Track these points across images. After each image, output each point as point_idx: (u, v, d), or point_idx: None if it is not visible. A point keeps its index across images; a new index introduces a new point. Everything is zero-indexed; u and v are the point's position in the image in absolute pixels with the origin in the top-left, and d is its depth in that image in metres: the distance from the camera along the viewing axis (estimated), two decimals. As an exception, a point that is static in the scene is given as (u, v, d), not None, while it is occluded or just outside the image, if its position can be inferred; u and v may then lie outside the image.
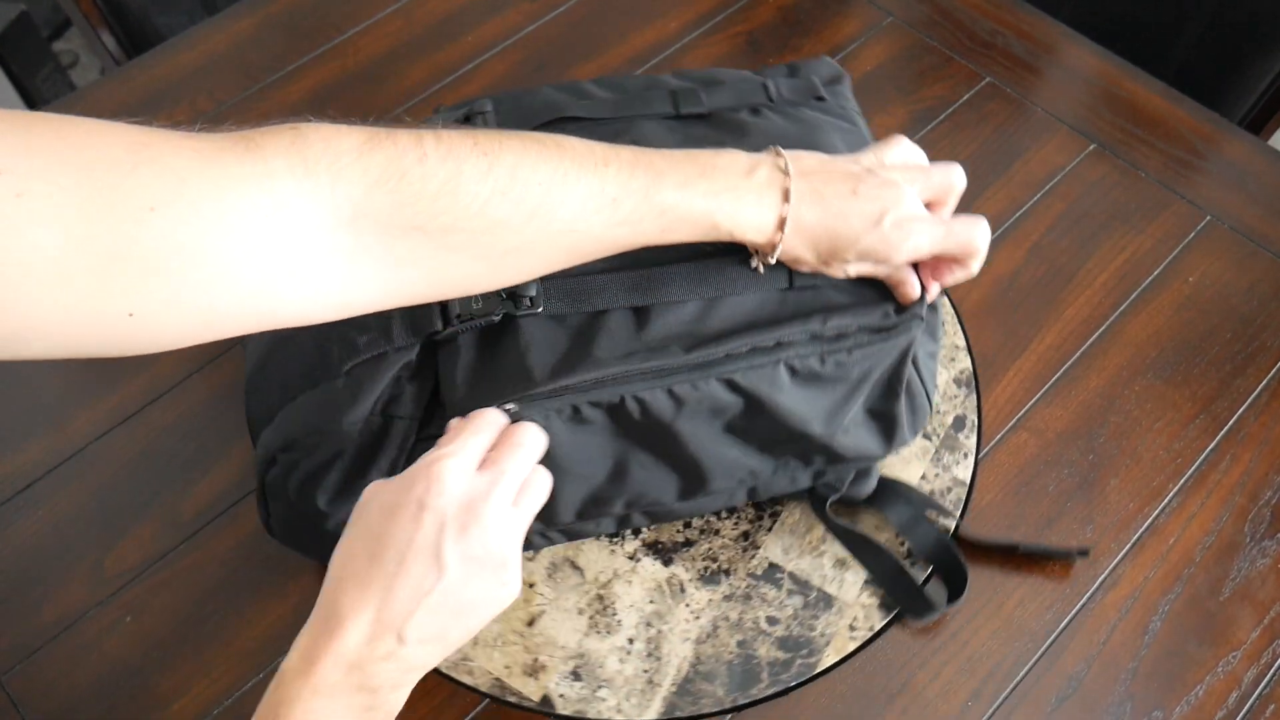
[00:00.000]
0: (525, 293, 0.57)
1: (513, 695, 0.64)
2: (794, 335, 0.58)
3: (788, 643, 0.66)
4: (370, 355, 0.57)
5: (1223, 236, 0.85)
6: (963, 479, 0.72)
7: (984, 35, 0.98)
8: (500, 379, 0.56)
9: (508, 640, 0.65)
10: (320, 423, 0.57)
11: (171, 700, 0.65)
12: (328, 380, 0.58)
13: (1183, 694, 0.66)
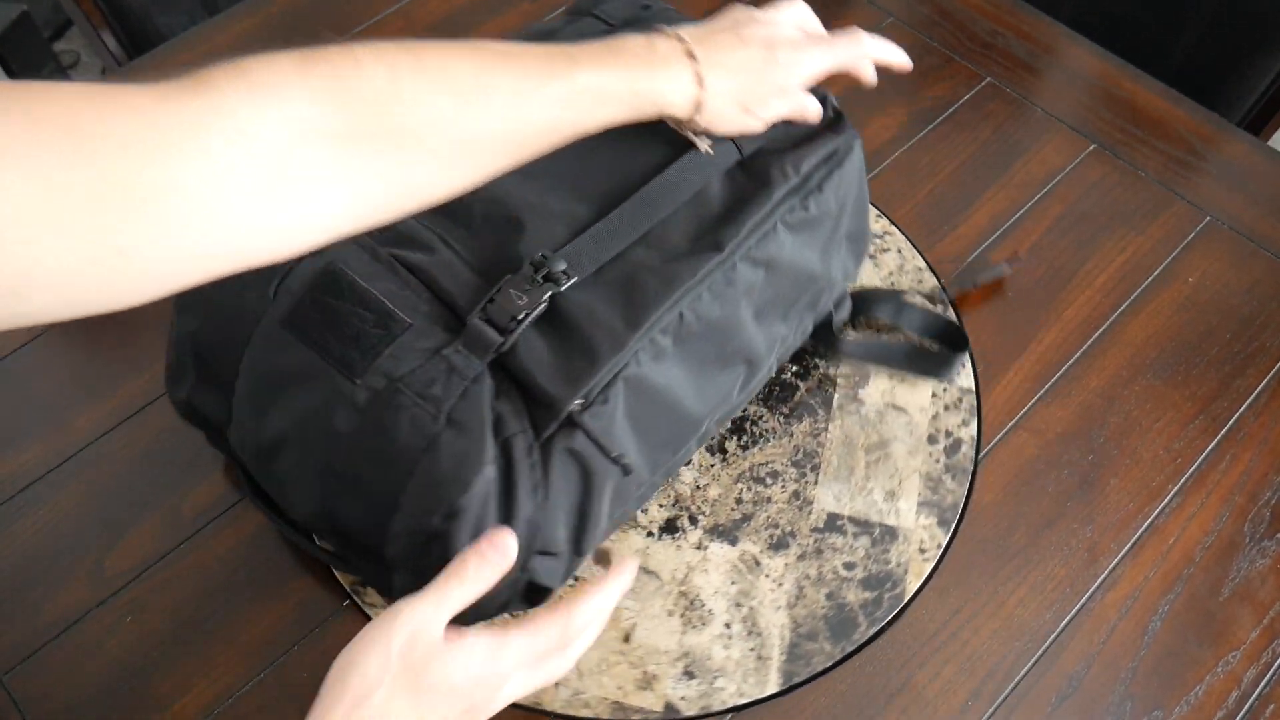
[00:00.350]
0: (556, 267, 0.58)
1: (636, 714, 0.64)
2: (777, 194, 0.63)
3: (870, 582, 0.69)
4: (456, 396, 0.55)
5: (1222, 237, 0.85)
6: (968, 386, 0.77)
7: (984, 36, 0.98)
8: (588, 351, 0.57)
9: (610, 662, 0.65)
10: (455, 481, 0.54)
11: (171, 700, 0.65)
12: (428, 451, 0.54)
13: (1182, 694, 0.66)
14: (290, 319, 0.58)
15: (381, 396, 0.55)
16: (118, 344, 0.80)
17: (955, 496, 0.72)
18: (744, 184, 0.64)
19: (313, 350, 0.57)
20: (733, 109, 0.61)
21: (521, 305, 0.56)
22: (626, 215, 0.61)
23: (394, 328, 0.57)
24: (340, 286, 0.58)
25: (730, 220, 0.62)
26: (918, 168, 0.89)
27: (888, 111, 0.92)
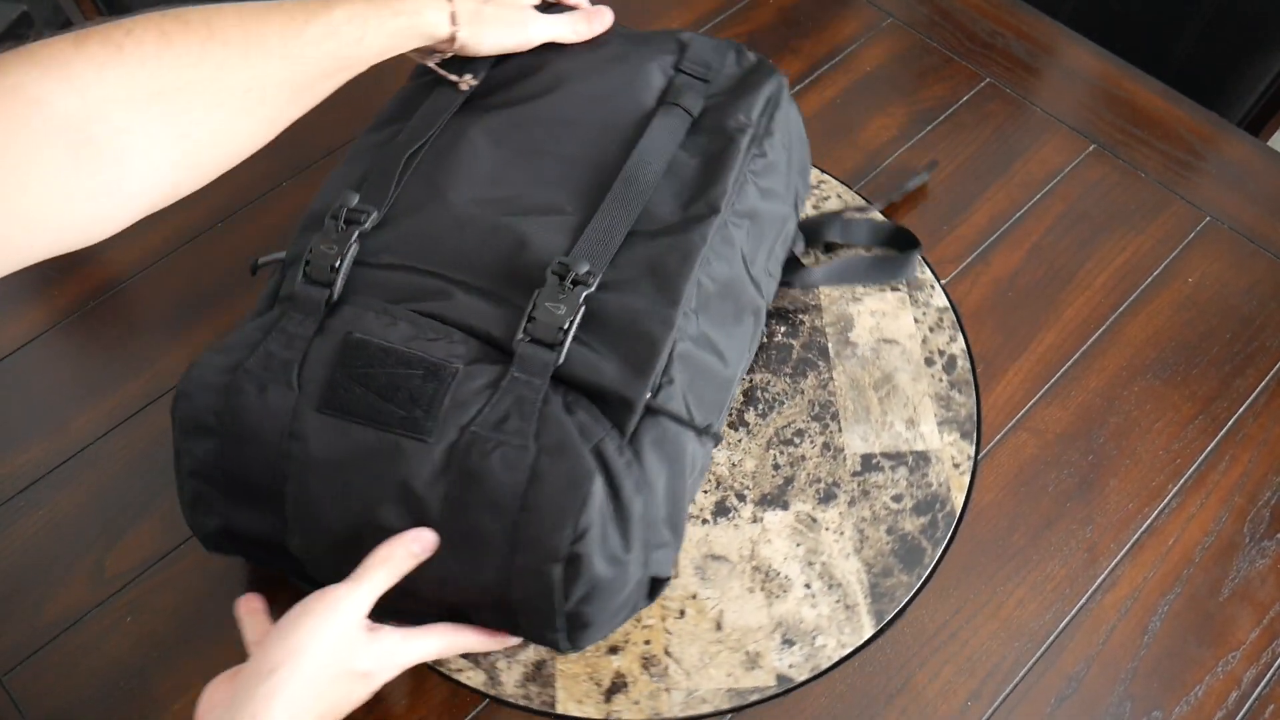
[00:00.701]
0: (580, 270, 0.58)
1: (753, 695, 0.65)
2: (742, 144, 0.66)
3: (921, 507, 0.72)
4: (535, 421, 0.55)
5: (1222, 237, 0.85)
6: (942, 305, 0.81)
7: (984, 36, 0.98)
8: (644, 338, 0.58)
9: (711, 653, 0.66)
10: (571, 502, 0.54)
11: (171, 700, 0.65)
12: (533, 483, 0.54)
13: (1182, 694, 0.66)
14: (329, 402, 0.56)
15: (460, 448, 0.54)
16: (118, 344, 0.80)
17: (968, 408, 0.76)
18: (707, 143, 0.66)
19: (369, 425, 0.55)
20: (491, 17, 0.67)
21: (562, 315, 0.57)
22: (618, 203, 0.62)
23: (444, 376, 0.56)
24: (370, 353, 0.57)
25: (713, 181, 0.64)
26: (917, 168, 0.89)
27: (888, 111, 0.92)
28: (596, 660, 0.65)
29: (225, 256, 0.83)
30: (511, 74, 0.70)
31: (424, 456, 0.55)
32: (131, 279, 0.83)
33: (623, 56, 0.71)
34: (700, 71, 0.70)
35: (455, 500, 0.55)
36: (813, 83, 0.94)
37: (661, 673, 0.65)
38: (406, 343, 0.57)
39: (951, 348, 0.79)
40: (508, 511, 0.54)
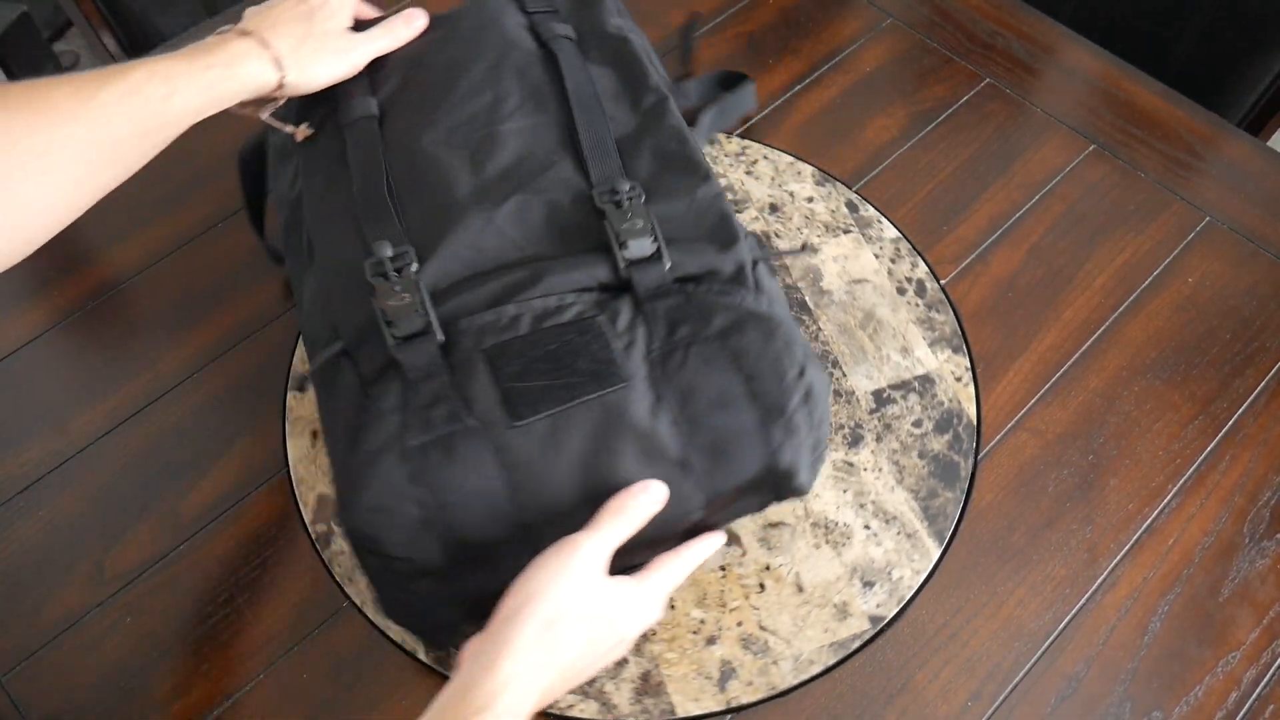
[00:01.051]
0: (622, 189, 0.62)
1: (855, 641, 0.67)
2: (615, 32, 0.73)
3: (941, 425, 0.76)
4: (715, 296, 0.60)
5: (1222, 237, 0.85)
6: (894, 235, 0.85)
7: (984, 36, 0.98)
8: (711, 218, 0.63)
9: (801, 615, 0.68)
10: (789, 326, 0.62)
11: (171, 701, 0.65)
12: (765, 328, 0.60)
13: (1182, 694, 0.66)
14: (517, 411, 0.56)
15: (658, 375, 0.58)
16: (118, 344, 0.80)
17: (950, 324, 0.80)
18: (604, 52, 0.72)
19: (567, 405, 0.56)
20: (315, 51, 0.66)
21: (642, 228, 0.60)
22: (590, 125, 0.66)
23: (594, 327, 0.58)
24: (518, 350, 0.57)
25: (640, 75, 0.70)
26: (917, 168, 0.89)
27: (887, 112, 0.93)
28: (699, 656, 0.66)
29: (225, 257, 0.83)
30: (397, 87, 0.69)
31: (634, 399, 0.57)
32: (131, 279, 0.83)
33: (478, 26, 0.72)
34: (544, 5, 0.74)
35: (687, 419, 0.57)
36: (813, 83, 0.94)
37: (763, 648, 0.67)
38: (531, 324, 0.58)
39: (916, 273, 0.83)
40: (738, 398, 0.58)
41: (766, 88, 0.94)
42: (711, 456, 0.58)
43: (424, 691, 0.65)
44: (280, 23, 0.66)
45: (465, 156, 0.65)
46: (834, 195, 0.87)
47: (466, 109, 0.67)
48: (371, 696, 0.65)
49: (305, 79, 0.66)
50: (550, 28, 0.72)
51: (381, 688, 0.65)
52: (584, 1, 0.75)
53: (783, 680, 0.66)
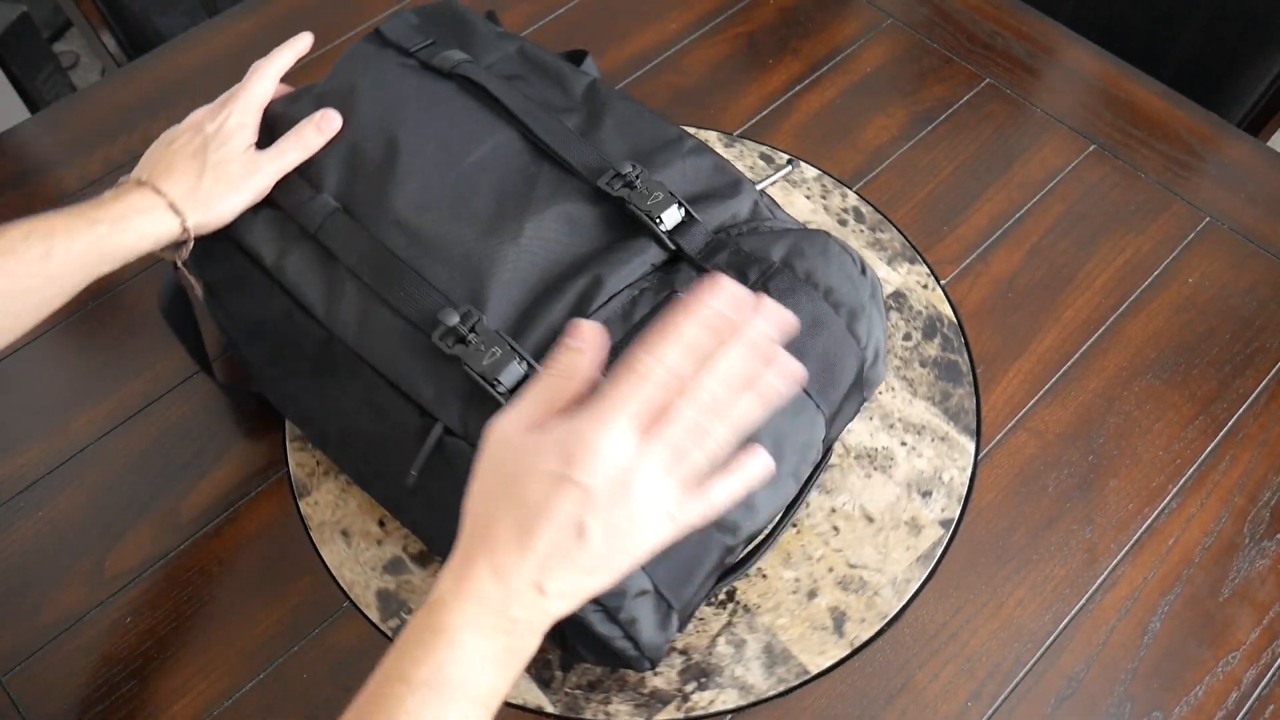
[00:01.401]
0: (626, 170, 0.65)
1: (936, 549, 0.71)
2: (512, 42, 0.75)
3: (928, 332, 0.80)
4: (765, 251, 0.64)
5: (1222, 238, 0.85)
6: (815, 174, 0.87)
7: (984, 36, 0.98)
8: (706, 168, 0.68)
9: (879, 543, 0.71)
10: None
11: (171, 701, 0.65)
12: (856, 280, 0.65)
13: (1182, 694, 0.66)
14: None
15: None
16: (117, 345, 0.80)
17: (897, 239, 0.84)
18: (500, 65, 0.74)
19: None
20: (215, 185, 0.65)
21: (663, 199, 0.64)
22: (549, 132, 0.68)
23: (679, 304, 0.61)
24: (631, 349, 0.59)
25: (554, 71, 0.73)
26: (917, 168, 0.89)
27: (887, 112, 0.93)
28: (807, 612, 0.68)
29: (225, 257, 0.83)
30: (343, 174, 0.67)
31: None
32: (131, 280, 0.83)
33: (376, 85, 0.71)
34: (421, 40, 0.74)
35: (795, 351, 0.55)
36: (813, 83, 0.94)
37: (860, 584, 0.69)
38: (629, 325, 0.60)
39: (848, 202, 0.86)
40: (825, 312, 0.62)
41: (766, 88, 0.94)
42: (823, 377, 0.62)
43: None
44: (175, 162, 0.65)
45: (452, 207, 0.65)
46: (746, 153, 0.89)
47: (423, 163, 0.67)
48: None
49: (211, 217, 0.65)
50: (446, 59, 0.72)
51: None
52: (456, 28, 0.76)
53: (889, 606, 0.68)
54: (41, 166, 0.90)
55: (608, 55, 0.96)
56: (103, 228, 0.61)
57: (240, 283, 0.67)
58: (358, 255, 0.63)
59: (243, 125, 0.67)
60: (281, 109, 0.71)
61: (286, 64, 0.71)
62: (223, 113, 0.68)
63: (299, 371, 0.66)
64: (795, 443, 0.61)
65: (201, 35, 0.99)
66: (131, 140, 0.91)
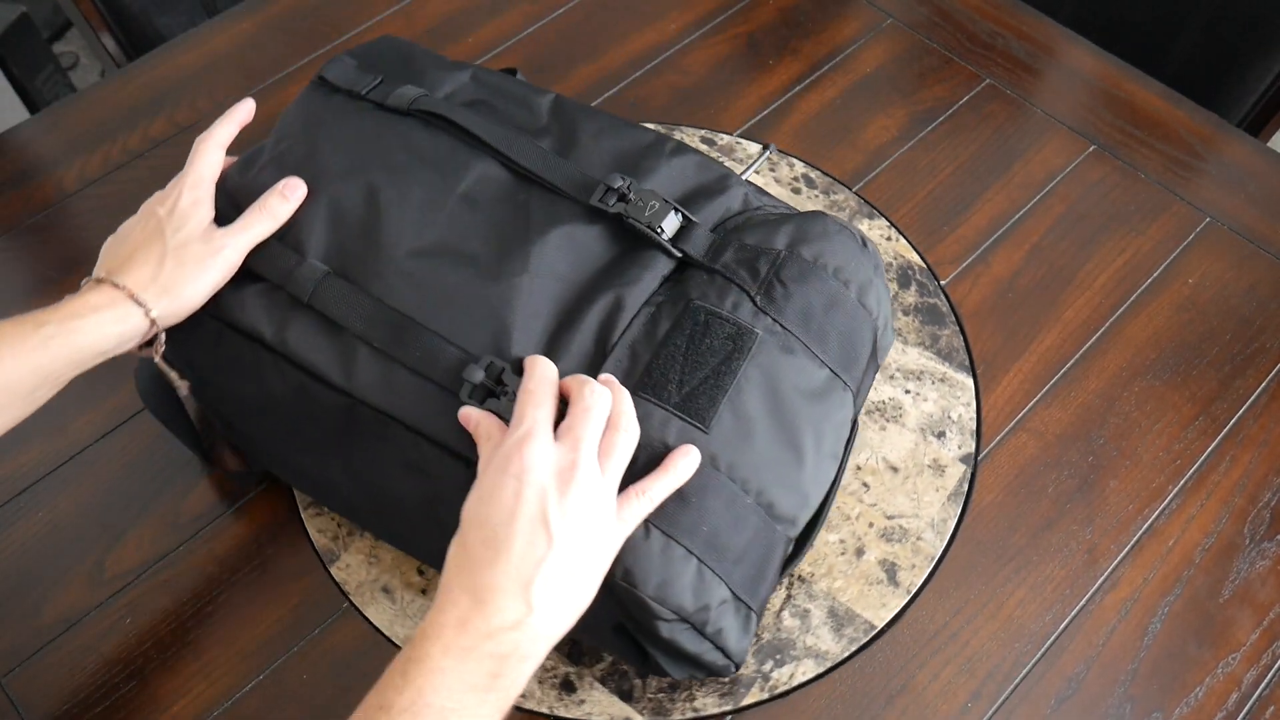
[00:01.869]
0: (615, 185, 0.64)
1: (962, 483, 0.73)
2: (466, 71, 0.73)
3: (902, 281, 0.82)
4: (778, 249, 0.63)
5: (1222, 238, 0.85)
6: (754, 150, 0.88)
7: (984, 37, 0.98)
8: (693, 170, 0.68)
9: (913, 489, 0.73)
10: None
11: (171, 701, 0.65)
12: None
13: (1182, 695, 0.66)
14: (702, 419, 0.58)
15: (772, 304, 0.61)
16: (117, 345, 0.80)
17: (852, 203, 0.87)
18: (458, 93, 0.71)
19: (733, 382, 0.59)
20: (178, 269, 0.60)
21: (660, 207, 0.63)
22: (529, 156, 0.66)
23: (699, 310, 0.61)
24: (658, 373, 0.59)
25: (516, 92, 0.71)
26: (917, 169, 0.89)
27: (887, 112, 0.92)
28: (859, 570, 0.70)
29: (225, 257, 0.83)
30: (328, 236, 0.64)
31: (772, 343, 0.60)
32: (131, 280, 0.83)
33: (352, 137, 0.68)
34: (371, 80, 0.71)
35: (816, 334, 0.62)
36: (813, 83, 0.94)
37: (901, 532, 0.71)
38: (654, 343, 0.60)
39: (795, 171, 0.88)
40: (837, 291, 0.63)
41: (766, 88, 0.94)
42: (844, 353, 0.63)
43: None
44: (132, 252, 0.61)
45: (449, 250, 0.63)
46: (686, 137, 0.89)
47: (408, 209, 0.64)
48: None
49: (178, 305, 0.60)
50: (401, 96, 0.70)
51: (381, 688, 0.65)
52: (400, 63, 0.73)
53: (933, 548, 0.71)
54: (41, 166, 0.90)
55: (608, 55, 0.96)
56: (49, 330, 0.57)
57: (238, 363, 0.63)
58: (363, 320, 0.60)
59: (197, 203, 0.63)
60: (240, 178, 0.67)
61: (230, 135, 0.67)
62: (173, 194, 0.63)
63: (317, 443, 0.63)
64: (831, 424, 0.62)
65: (201, 35, 0.99)
66: (131, 140, 0.91)
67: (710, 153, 0.89)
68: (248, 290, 0.63)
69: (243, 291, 0.63)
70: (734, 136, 0.90)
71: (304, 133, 0.69)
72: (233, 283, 0.63)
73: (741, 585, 0.57)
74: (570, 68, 0.96)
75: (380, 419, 0.59)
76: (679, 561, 0.55)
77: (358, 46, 0.75)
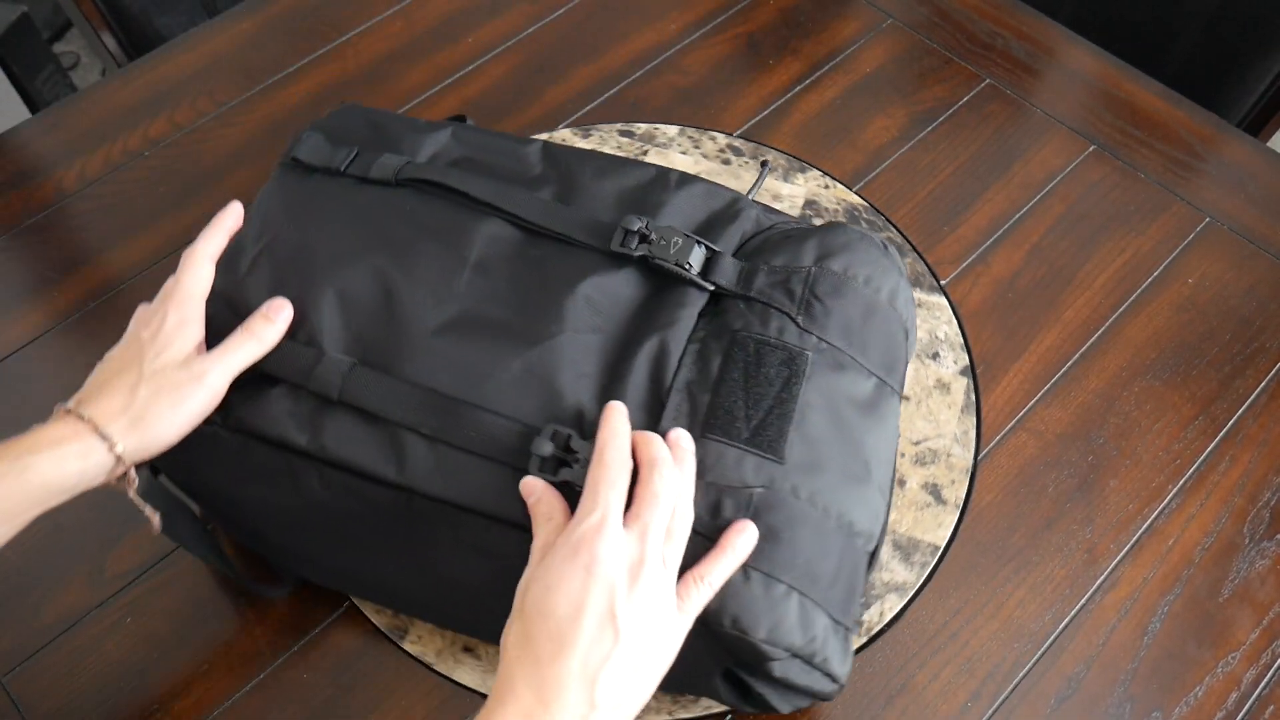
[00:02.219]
0: (632, 226, 0.63)
1: (965, 376, 0.77)
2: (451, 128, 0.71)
3: (850, 219, 0.85)
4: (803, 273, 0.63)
5: (1222, 238, 0.85)
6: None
7: (983, 37, 0.98)
8: (708, 199, 0.67)
9: (926, 414, 0.76)
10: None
11: (171, 702, 0.65)
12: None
13: (1182, 695, 0.66)
14: (777, 451, 0.57)
15: (814, 323, 0.61)
16: (118, 345, 0.80)
17: (805, 171, 0.88)
18: (441, 157, 0.69)
19: (795, 406, 0.58)
20: (153, 397, 0.56)
21: (683, 244, 0.62)
22: (532, 210, 0.65)
23: (747, 340, 0.60)
24: (722, 411, 0.58)
25: (502, 145, 0.70)
26: (917, 169, 0.89)
27: (887, 113, 0.93)
28: (907, 500, 0.72)
29: (225, 257, 0.83)
30: (344, 325, 0.61)
31: (824, 362, 0.60)
32: (131, 280, 0.83)
33: (328, 219, 0.65)
34: (346, 155, 0.68)
35: (859, 346, 0.62)
36: (813, 83, 0.94)
37: (931, 454, 0.74)
38: (709, 381, 0.59)
39: (719, 142, 0.89)
40: (870, 299, 0.63)
41: (766, 88, 0.94)
42: (886, 360, 0.63)
43: (424, 691, 0.65)
44: (109, 379, 0.56)
45: (476, 320, 0.60)
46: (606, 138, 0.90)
47: (424, 286, 0.62)
48: (371, 696, 0.65)
49: (149, 439, 0.55)
50: (384, 167, 0.67)
51: (381, 688, 0.65)
52: (372, 131, 0.71)
53: (965, 459, 0.74)
54: (41, 166, 0.90)
55: (608, 55, 0.97)
56: (9, 465, 0.52)
57: (268, 476, 0.59)
58: (404, 407, 0.57)
59: (183, 323, 0.58)
60: (229, 280, 0.63)
61: (220, 246, 0.63)
62: (159, 314, 0.59)
63: (366, 543, 0.60)
64: (886, 431, 0.62)
65: (201, 35, 0.99)
66: (131, 140, 0.91)
67: (631, 143, 0.89)
68: (268, 396, 0.59)
69: (263, 398, 0.59)
70: (652, 124, 0.90)
71: (290, 220, 0.65)
72: (250, 390, 0.59)
73: (838, 609, 0.57)
74: (570, 68, 0.96)
75: (442, 508, 0.56)
76: (781, 600, 0.54)
77: (320, 120, 0.72)
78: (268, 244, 0.64)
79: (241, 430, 0.59)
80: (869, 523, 0.59)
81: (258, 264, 0.63)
